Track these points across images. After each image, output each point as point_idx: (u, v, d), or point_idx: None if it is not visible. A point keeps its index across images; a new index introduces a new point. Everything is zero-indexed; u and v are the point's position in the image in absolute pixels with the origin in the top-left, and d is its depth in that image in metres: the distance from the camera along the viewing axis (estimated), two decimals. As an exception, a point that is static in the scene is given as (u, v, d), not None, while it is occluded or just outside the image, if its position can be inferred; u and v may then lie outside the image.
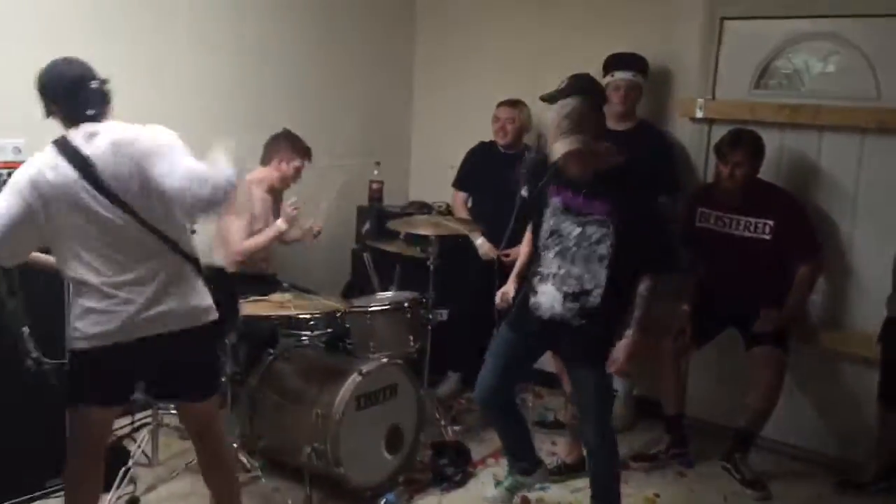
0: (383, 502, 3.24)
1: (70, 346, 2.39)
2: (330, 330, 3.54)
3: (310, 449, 3.10)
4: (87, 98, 2.33)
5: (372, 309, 3.50)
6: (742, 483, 3.52)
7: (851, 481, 3.55)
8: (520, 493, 3.26)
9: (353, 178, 4.65)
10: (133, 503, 3.12)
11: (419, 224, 3.80)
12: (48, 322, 2.96)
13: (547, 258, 2.87)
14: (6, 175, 2.95)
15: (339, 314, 3.45)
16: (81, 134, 2.30)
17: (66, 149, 2.27)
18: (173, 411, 3.27)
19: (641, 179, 2.86)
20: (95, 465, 2.50)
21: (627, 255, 2.74)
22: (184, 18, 3.89)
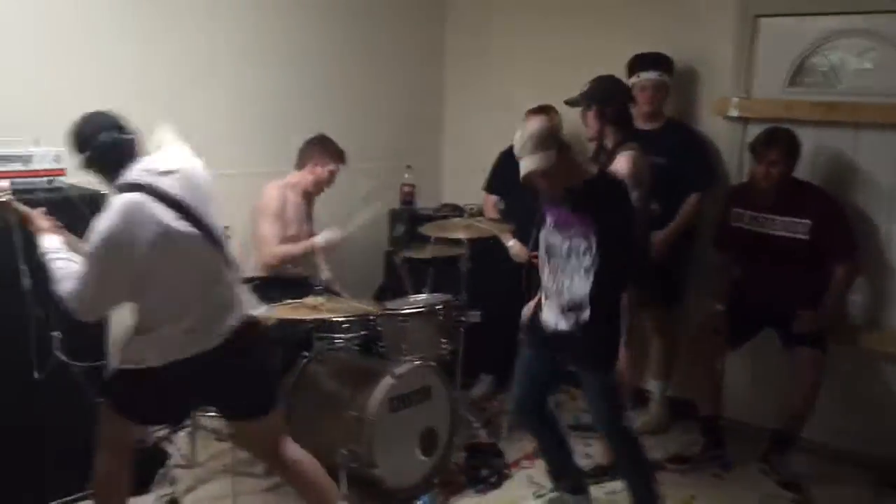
0: (419, 504, 3.26)
1: (125, 365, 2.39)
2: (363, 333, 3.57)
3: (345, 451, 3.12)
4: (127, 147, 2.39)
5: (405, 311, 3.51)
6: (780, 485, 3.49)
7: (892, 483, 3.50)
8: None
9: (385, 182, 4.68)
10: (172, 504, 3.17)
11: (451, 227, 3.82)
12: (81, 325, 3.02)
13: (545, 274, 2.93)
14: (47, 182, 3.02)
15: (373, 317, 3.47)
16: (145, 172, 2.33)
17: (146, 190, 2.29)
18: (211, 413, 3.31)
19: (613, 189, 2.87)
20: (126, 462, 2.54)
21: (610, 266, 2.76)
22: (220, 26, 3.95)
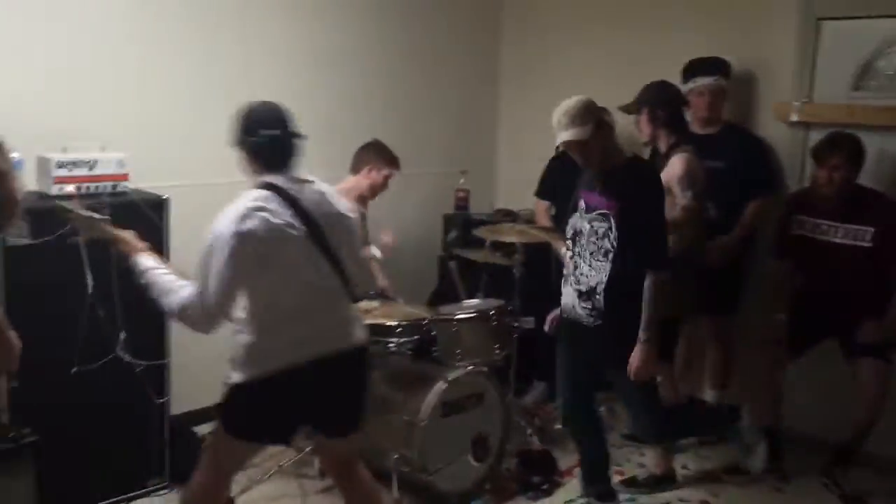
0: (470, 509, 3.25)
1: (246, 377, 2.34)
2: (416, 337, 3.58)
3: (396, 455, 3.13)
4: (291, 146, 2.41)
5: (458, 317, 3.52)
6: (842, 499, 3.41)
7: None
8: None
9: (439, 187, 4.70)
10: (228, 504, 3.21)
11: (504, 232, 3.82)
12: (146, 325, 3.10)
13: (568, 258, 2.95)
14: (111, 187, 3.10)
15: (426, 322, 3.48)
16: (287, 180, 2.36)
17: (279, 192, 2.32)
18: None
19: (643, 174, 2.91)
20: (229, 483, 2.58)
21: (630, 253, 2.76)
22: (281, 35, 4.02)
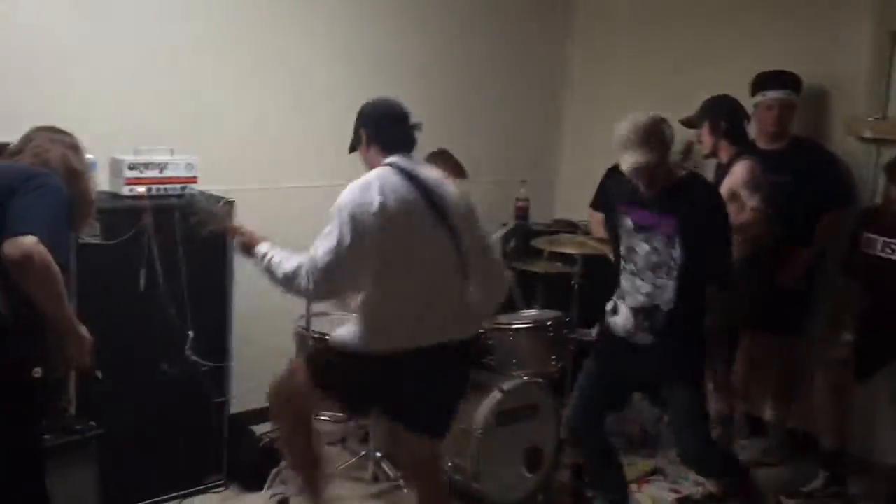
0: (522, 520, 3.23)
1: (348, 346, 2.45)
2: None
3: (449, 463, 3.14)
4: (409, 135, 2.51)
5: (515, 326, 3.52)
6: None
7: None
8: None
9: (499, 196, 4.69)
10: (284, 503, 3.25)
11: (563, 243, 3.81)
12: (210, 325, 3.17)
13: (623, 278, 2.90)
14: (180, 189, 3.17)
15: (483, 331, 3.48)
16: (408, 163, 2.44)
17: (404, 173, 2.39)
18: (324, 417, 3.37)
19: (706, 191, 2.88)
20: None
21: (695, 269, 2.72)
22: (346, 45, 4.07)
